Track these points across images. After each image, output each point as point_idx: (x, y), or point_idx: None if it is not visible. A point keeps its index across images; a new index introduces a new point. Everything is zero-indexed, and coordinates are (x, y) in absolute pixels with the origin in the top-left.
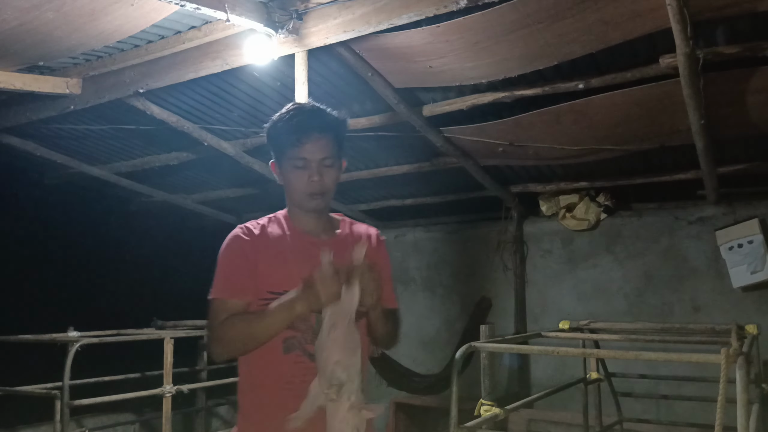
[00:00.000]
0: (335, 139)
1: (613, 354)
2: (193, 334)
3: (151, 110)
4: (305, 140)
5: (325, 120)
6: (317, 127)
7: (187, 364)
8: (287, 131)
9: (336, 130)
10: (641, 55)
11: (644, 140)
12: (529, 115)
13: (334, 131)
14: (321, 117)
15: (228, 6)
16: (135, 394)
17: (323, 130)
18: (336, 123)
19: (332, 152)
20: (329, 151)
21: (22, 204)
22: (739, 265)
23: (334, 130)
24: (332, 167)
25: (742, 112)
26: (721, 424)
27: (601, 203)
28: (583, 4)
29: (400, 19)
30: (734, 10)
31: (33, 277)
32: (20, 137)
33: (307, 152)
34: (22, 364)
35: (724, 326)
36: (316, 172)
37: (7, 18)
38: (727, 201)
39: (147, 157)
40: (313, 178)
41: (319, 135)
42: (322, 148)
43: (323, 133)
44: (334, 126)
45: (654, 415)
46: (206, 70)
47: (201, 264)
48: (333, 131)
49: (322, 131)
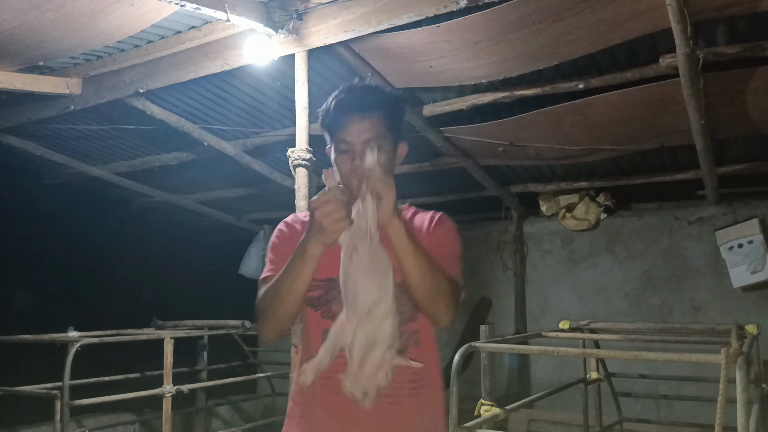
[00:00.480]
0: (385, 118)
1: (613, 354)
2: (193, 334)
3: (151, 110)
4: (347, 121)
5: (370, 98)
6: (360, 106)
7: (187, 364)
8: (331, 112)
9: (385, 108)
10: (641, 55)
11: (644, 140)
12: (529, 115)
13: (382, 110)
14: (367, 95)
15: (228, 6)
16: (135, 394)
17: (367, 109)
18: (385, 100)
19: (379, 133)
20: (375, 132)
21: (22, 204)
22: (739, 265)
23: (382, 109)
24: (381, 150)
25: (742, 112)
26: (721, 424)
27: (601, 203)
28: (583, 4)
29: (400, 19)
30: (734, 10)
31: (33, 277)
32: (20, 137)
33: (349, 134)
34: (22, 364)
35: (724, 326)
36: (359, 155)
37: (7, 18)
38: (727, 201)
39: (147, 157)
40: (356, 162)
41: (362, 115)
42: (366, 129)
43: (367, 113)
44: (381, 104)
45: (654, 415)
46: (206, 70)
47: (201, 264)
48: (381, 110)
49: (365, 110)
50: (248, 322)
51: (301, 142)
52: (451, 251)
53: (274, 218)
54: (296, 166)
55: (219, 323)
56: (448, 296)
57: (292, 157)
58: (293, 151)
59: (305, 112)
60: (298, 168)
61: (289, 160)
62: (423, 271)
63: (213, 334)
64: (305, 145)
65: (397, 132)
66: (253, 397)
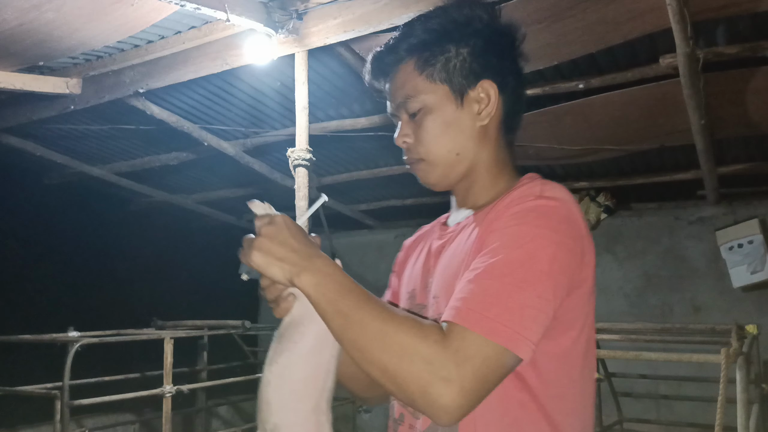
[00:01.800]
0: (421, 61)
1: (613, 354)
2: (193, 334)
3: (151, 110)
4: (377, 85)
5: (393, 42)
6: (381, 57)
7: (187, 364)
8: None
9: (410, 48)
10: (641, 55)
11: (644, 140)
12: (529, 115)
13: (407, 53)
14: (393, 40)
15: (228, 6)
16: (135, 394)
17: (390, 59)
18: (405, 37)
19: (415, 87)
20: (408, 87)
21: (21, 204)
22: (739, 265)
23: (406, 51)
24: (424, 111)
25: (742, 112)
26: (721, 424)
27: (601, 203)
28: (583, 4)
29: (400, 19)
30: (734, 10)
31: (33, 277)
32: (20, 137)
33: (387, 99)
34: (22, 364)
35: (724, 326)
36: (401, 124)
37: (7, 18)
38: (727, 201)
39: (147, 157)
40: (396, 136)
41: (388, 68)
42: (398, 86)
43: (393, 64)
44: (402, 43)
45: (654, 415)
46: (206, 70)
47: (201, 264)
48: (406, 54)
49: (389, 63)
50: (248, 322)
51: (301, 142)
52: (498, 239)
53: None
54: (296, 166)
55: (219, 323)
56: (420, 370)
57: (292, 157)
58: (293, 151)
59: (305, 112)
60: (298, 168)
61: (289, 160)
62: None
63: (213, 334)
64: (305, 145)
65: (457, 73)
66: (253, 397)
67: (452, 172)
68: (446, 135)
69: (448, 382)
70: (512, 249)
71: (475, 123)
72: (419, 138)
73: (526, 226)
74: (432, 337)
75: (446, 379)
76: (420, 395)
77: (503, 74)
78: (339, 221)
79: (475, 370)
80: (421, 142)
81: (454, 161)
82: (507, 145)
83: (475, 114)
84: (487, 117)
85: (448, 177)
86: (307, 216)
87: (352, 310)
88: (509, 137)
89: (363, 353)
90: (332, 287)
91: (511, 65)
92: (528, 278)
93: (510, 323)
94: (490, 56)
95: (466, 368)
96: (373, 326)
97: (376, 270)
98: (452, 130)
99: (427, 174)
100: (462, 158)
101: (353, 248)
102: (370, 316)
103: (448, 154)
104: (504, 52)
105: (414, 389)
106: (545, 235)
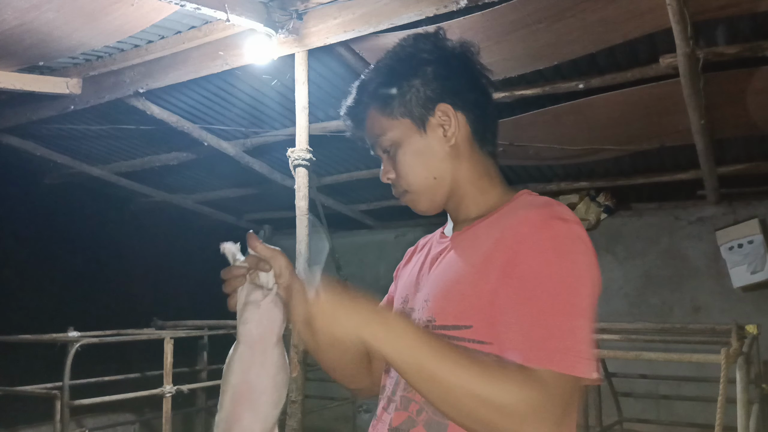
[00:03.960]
0: (383, 106)
1: (613, 354)
2: (193, 334)
3: (151, 110)
4: (358, 134)
5: (356, 95)
6: (351, 110)
7: (187, 364)
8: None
9: (369, 96)
10: (641, 55)
11: (644, 140)
12: (529, 115)
13: (368, 100)
14: (355, 93)
15: (228, 6)
16: (135, 394)
17: (358, 110)
18: (364, 87)
19: (381, 127)
20: (377, 129)
21: (22, 204)
22: (739, 265)
23: (367, 99)
24: (395, 146)
25: (742, 112)
26: (721, 424)
27: (601, 203)
28: (583, 4)
29: (400, 19)
30: (734, 10)
31: (33, 277)
32: (20, 137)
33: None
34: (22, 364)
35: (724, 326)
36: (383, 163)
37: (7, 18)
38: (727, 201)
39: (147, 157)
40: (381, 175)
41: (360, 118)
42: (370, 130)
43: (362, 113)
44: (363, 93)
45: (654, 415)
46: (206, 70)
47: (201, 264)
48: (368, 101)
49: (359, 113)
50: None
51: (301, 142)
52: (542, 299)
53: (274, 218)
54: (296, 166)
55: (219, 323)
56: (484, 413)
57: (292, 157)
58: (293, 151)
59: (305, 112)
60: (298, 168)
61: (289, 160)
62: (417, 372)
63: (213, 334)
64: (305, 145)
65: (401, 107)
66: None
67: (437, 195)
68: (419, 163)
69: (544, 421)
70: (556, 279)
71: (443, 145)
72: (398, 172)
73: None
74: (520, 382)
75: (543, 419)
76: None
77: (459, 93)
78: (339, 221)
79: (563, 403)
80: (401, 175)
81: (434, 185)
82: (488, 156)
83: (441, 137)
84: (453, 137)
85: (435, 201)
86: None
87: (434, 371)
88: (488, 148)
89: (454, 415)
90: (406, 343)
91: (466, 82)
92: (576, 304)
93: (580, 353)
94: (442, 80)
95: (557, 404)
96: (454, 384)
97: (376, 270)
98: (424, 157)
99: (415, 203)
100: (441, 180)
101: (353, 248)
102: (449, 373)
103: (426, 180)
104: (456, 72)
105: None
106: (580, 260)
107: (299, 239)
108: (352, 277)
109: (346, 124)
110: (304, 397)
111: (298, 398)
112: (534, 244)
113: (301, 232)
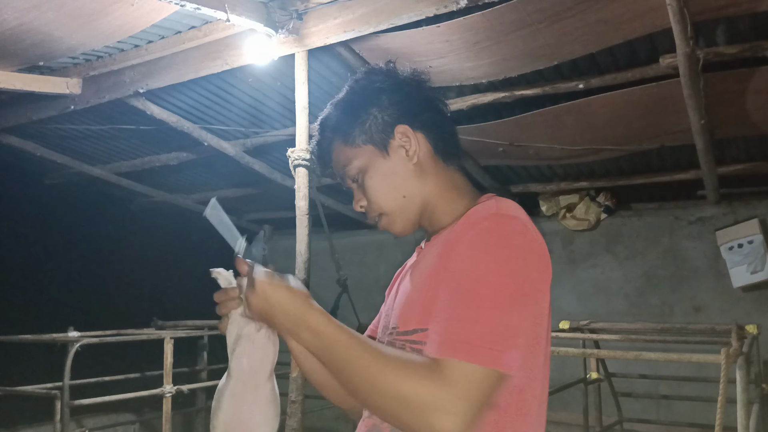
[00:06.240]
0: (345, 139)
1: (613, 354)
2: (193, 334)
3: (151, 110)
4: (328, 171)
5: (319, 133)
6: (317, 149)
7: (187, 364)
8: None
9: (338, 131)
10: (641, 55)
11: (644, 140)
12: (529, 115)
13: (331, 134)
14: (318, 131)
15: (228, 6)
16: (135, 394)
17: (324, 147)
18: (325, 124)
19: (347, 158)
20: (342, 160)
21: (22, 204)
22: (739, 265)
23: (330, 134)
24: (362, 172)
25: (742, 112)
26: (721, 424)
27: (601, 203)
28: (583, 4)
29: (400, 19)
30: (734, 10)
31: (33, 277)
32: (20, 137)
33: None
34: (22, 364)
35: (724, 326)
36: (354, 192)
37: (7, 18)
38: (727, 201)
39: (147, 157)
40: (353, 205)
41: (327, 154)
42: (336, 163)
43: (328, 148)
44: (325, 129)
45: (654, 415)
46: (206, 70)
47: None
48: (331, 135)
49: (325, 150)
50: None
51: (301, 142)
52: (459, 272)
53: (274, 218)
54: (296, 166)
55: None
56: (407, 407)
57: (292, 157)
58: (293, 151)
59: (305, 112)
60: (298, 168)
61: (289, 160)
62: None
63: (213, 334)
64: (305, 145)
65: (363, 136)
66: None
67: (409, 213)
68: (387, 184)
69: (448, 413)
70: (480, 273)
71: (407, 164)
72: (369, 197)
73: (488, 248)
74: (422, 374)
75: (447, 411)
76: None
77: (416, 114)
78: (339, 221)
79: (470, 396)
80: (371, 199)
81: (405, 203)
82: (455, 170)
83: (404, 157)
84: (415, 155)
85: (409, 219)
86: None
87: (346, 363)
88: (454, 162)
89: (367, 403)
90: (324, 343)
91: (420, 104)
92: (495, 297)
93: (491, 344)
94: (397, 105)
95: (461, 395)
96: (367, 375)
97: (376, 270)
98: (390, 179)
99: (391, 224)
100: (411, 198)
101: (353, 248)
102: (363, 365)
103: (396, 200)
104: (409, 96)
105: (419, 426)
106: (511, 254)
107: (299, 239)
108: (352, 277)
109: (318, 164)
110: (304, 397)
111: (298, 398)
112: (467, 241)
113: (301, 232)
